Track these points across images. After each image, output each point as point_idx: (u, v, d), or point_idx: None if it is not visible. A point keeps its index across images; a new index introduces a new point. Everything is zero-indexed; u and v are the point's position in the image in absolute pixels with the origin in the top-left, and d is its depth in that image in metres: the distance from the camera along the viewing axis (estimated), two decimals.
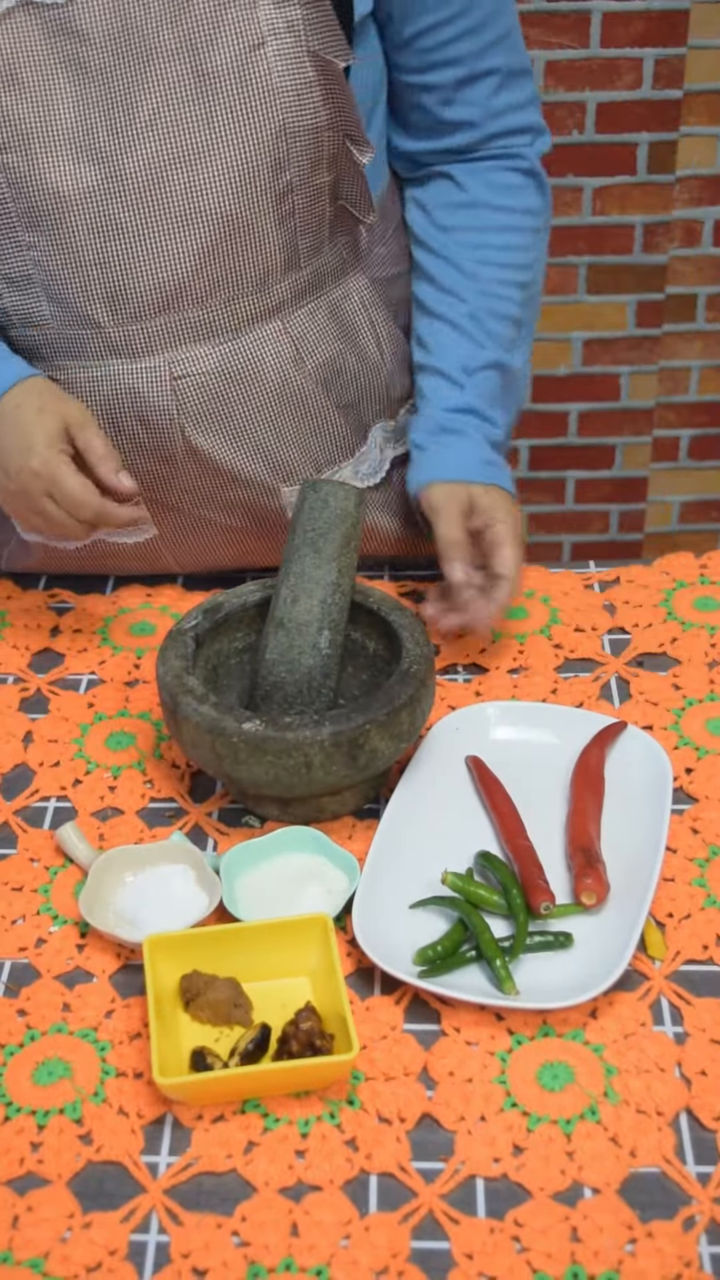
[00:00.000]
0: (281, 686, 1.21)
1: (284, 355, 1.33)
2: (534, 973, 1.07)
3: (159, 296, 1.26)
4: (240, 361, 1.31)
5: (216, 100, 1.20)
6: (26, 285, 1.27)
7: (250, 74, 1.19)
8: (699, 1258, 0.91)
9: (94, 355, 1.30)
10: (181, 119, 1.20)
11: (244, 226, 1.25)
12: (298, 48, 1.20)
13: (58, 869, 1.18)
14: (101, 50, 1.18)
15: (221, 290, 1.28)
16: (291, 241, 1.29)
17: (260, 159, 1.22)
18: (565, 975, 1.06)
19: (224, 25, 1.18)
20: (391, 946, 1.07)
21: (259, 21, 1.18)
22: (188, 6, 1.17)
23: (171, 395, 1.30)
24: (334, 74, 1.22)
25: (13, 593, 1.48)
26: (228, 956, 1.07)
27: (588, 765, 1.21)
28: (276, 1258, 0.91)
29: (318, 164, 1.26)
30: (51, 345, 1.31)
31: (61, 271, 1.25)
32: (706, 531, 2.84)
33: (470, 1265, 0.91)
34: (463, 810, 1.21)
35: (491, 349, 1.38)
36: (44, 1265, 0.92)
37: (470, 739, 1.26)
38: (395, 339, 1.45)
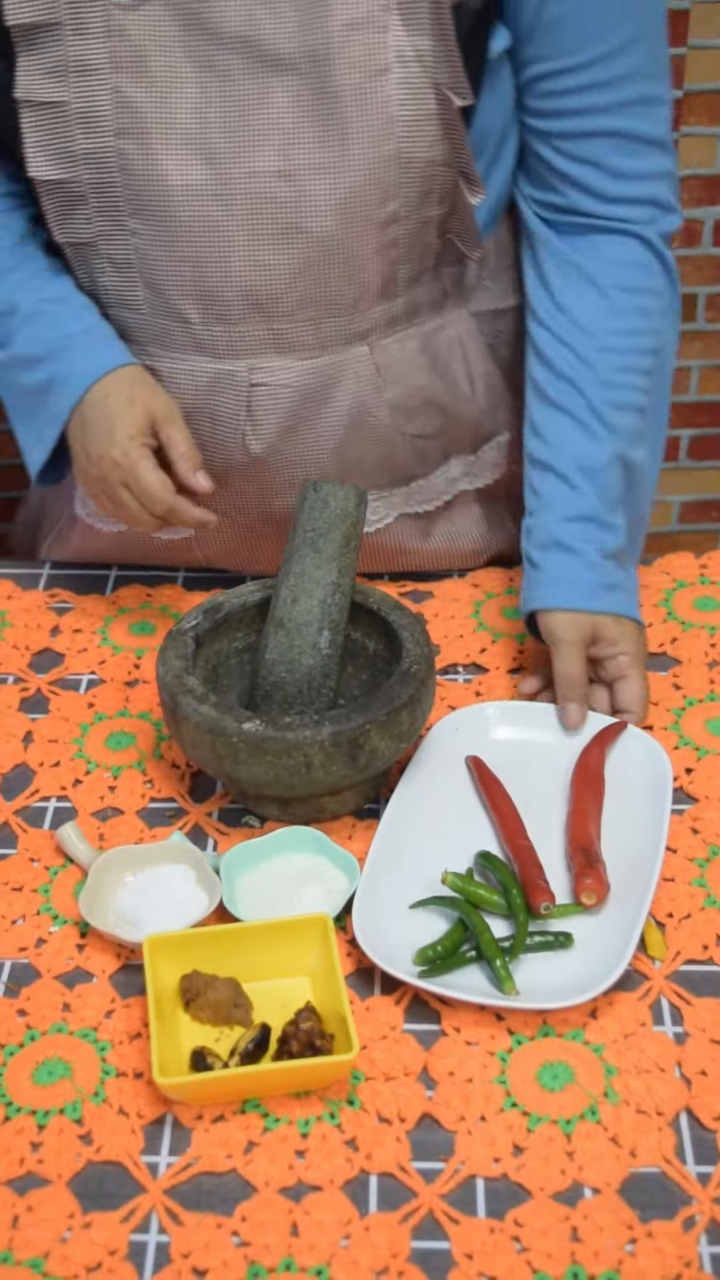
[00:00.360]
0: (281, 686, 1.21)
1: (364, 379, 1.31)
2: (534, 973, 1.07)
3: (248, 303, 1.26)
4: (319, 379, 1.30)
5: (333, 120, 1.18)
6: (126, 269, 1.27)
7: (371, 98, 1.18)
8: (699, 1258, 0.91)
9: (179, 348, 1.30)
10: (296, 133, 1.19)
11: (342, 248, 1.23)
12: (423, 78, 1.18)
13: (58, 869, 1.18)
14: (230, 51, 1.17)
15: (311, 307, 1.26)
16: (390, 270, 1.27)
17: (368, 184, 1.20)
18: (565, 975, 1.06)
19: (352, 45, 1.16)
20: (391, 946, 1.07)
21: (388, 47, 1.16)
22: (320, 22, 1.16)
23: (245, 401, 1.30)
24: (454, 110, 1.19)
25: (13, 592, 1.48)
26: (228, 956, 1.07)
27: (588, 765, 1.21)
28: (276, 1258, 0.91)
29: (427, 196, 1.24)
30: (143, 330, 1.31)
31: (159, 262, 1.25)
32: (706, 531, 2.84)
33: (470, 1265, 0.91)
34: (463, 810, 1.21)
35: (611, 444, 1.30)
36: (44, 1265, 0.92)
37: (470, 739, 1.26)
38: (490, 376, 1.41)
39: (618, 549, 1.30)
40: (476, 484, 1.46)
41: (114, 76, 1.19)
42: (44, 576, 1.51)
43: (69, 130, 1.21)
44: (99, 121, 1.20)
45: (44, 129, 1.22)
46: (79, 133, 1.21)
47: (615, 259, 1.31)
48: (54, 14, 1.18)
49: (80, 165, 1.22)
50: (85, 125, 1.21)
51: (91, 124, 1.21)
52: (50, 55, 1.19)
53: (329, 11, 1.15)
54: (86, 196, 1.24)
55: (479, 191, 1.25)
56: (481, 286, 1.39)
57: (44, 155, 1.23)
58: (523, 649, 1.38)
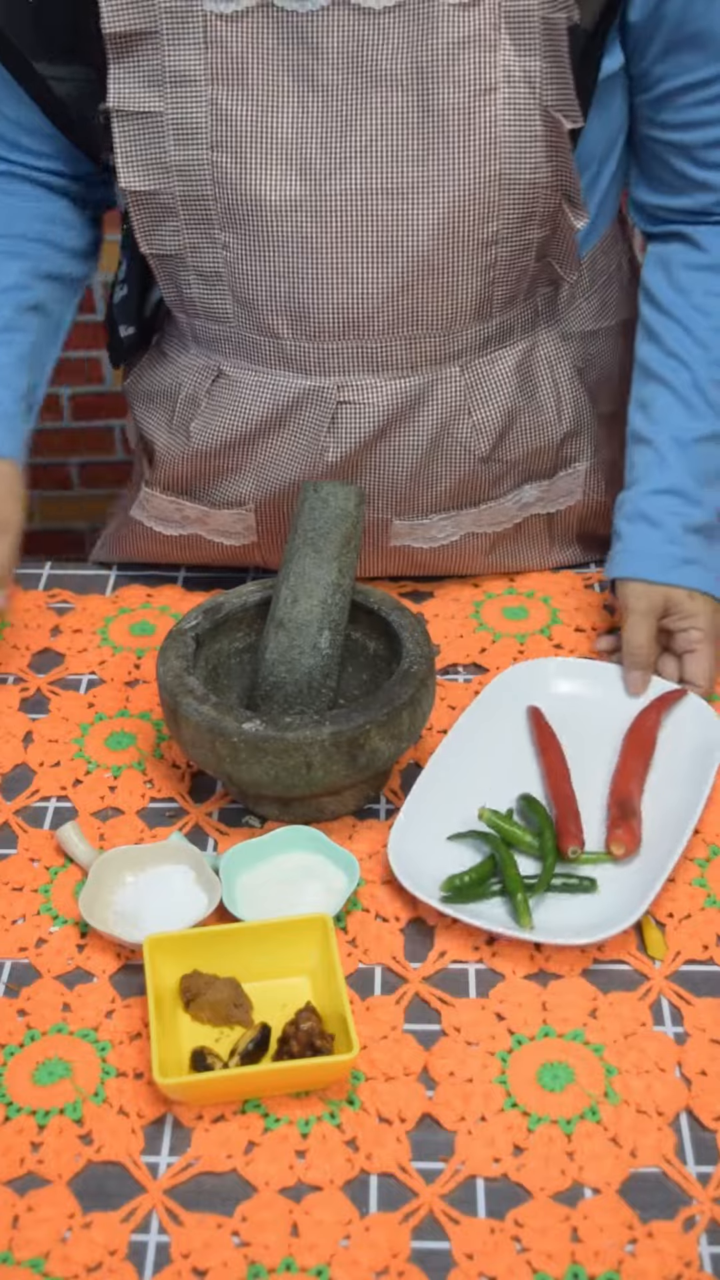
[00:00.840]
0: (281, 686, 1.21)
1: (453, 401, 1.31)
2: (554, 914, 1.11)
3: (341, 321, 1.25)
4: (408, 399, 1.30)
5: (437, 138, 1.17)
6: (215, 281, 1.26)
7: (477, 118, 1.16)
8: (699, 1258, 0.91)
9: (267, 362, 1.29)
10: (398, 150, 1.17)
11: (440, 269, 1.22)
12: (530, 99, 1.16)
13: (58, 869, 1.18)
14: (331, 66, 1.16)
15: (406, 327, 1.26)
16: (486, 291, 1.26)
17: (470, 205, 1.19)
18: (582, 918, 1.10)
19: (460, 64, 1.15)
20: (421, 874, 1.11)
21: (497, 66, 1.15)
22: (427, 39, 1.14)
23: (330, 418, 1.29)
24: (561, 132, 1.18)
25: (13, 592, 1.48)
26: (228, 956, 1.07)
27: (642, 726, 1.24)
28: (276, 1258, 0.91)
29: (529, 219, 1.23)
30: (230, 342, 1.30)
31: (250, 277, 1.24)
32: None
33: (470, 1265, 0.91)
34: (514, 755, 1.26)
35: (711, 421, 1.31)
36: (44, 1265, 0.92)
37: (531, 691, 1.30)
38: (578, 400, 1.40)
39: (703, 523, 1.31)
40: (549, 509, 1.44)
41: (211, 88, 1.17)
42: (44, 576, 1.51)
43: (162, 141, 1.20)
44: (194, 133, 1.19)
45: (136, 139, 1.21)
46: (172, 144, 1.20)
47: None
48: (152, 22, 1.16)
49: (172, 177, 1.21)
50: (179, 136, 1.19)
51: (186, 135, 1.19)
52: (146, 64, 1.18)
53: (436, 29, 1.14)
54: (176, 208, 1.23)
55: (583, 215, 1.25)
56: (574, 308, 1.38)
57: (135, 166, 1.22)
58: (523, 649, 1.38)
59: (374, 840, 1.19)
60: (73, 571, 1.51)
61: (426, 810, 1.17)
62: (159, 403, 1.39)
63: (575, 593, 1.45)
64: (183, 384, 1.36)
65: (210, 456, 1.35)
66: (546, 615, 1.42)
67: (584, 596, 1.44)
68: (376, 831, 1.20)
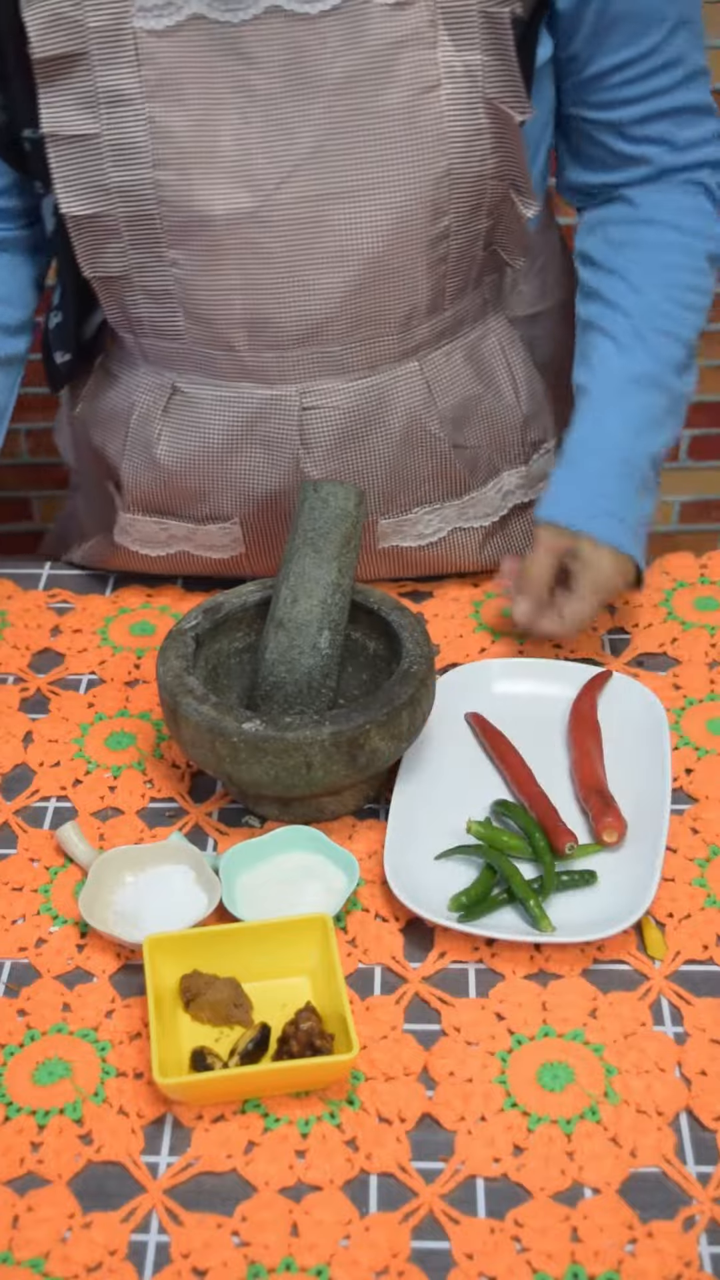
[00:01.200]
0: (281, 686, 1.21)
1: (416, 395, 1.31)
2: (563, 910, 1.11)
3: (299, 329, 1.24)
4: (372, 399, 1.30)
5: (383, 140, 1.16)
6: (165, 299, 1.25)
7: (421, 116, 1.16)
8: (699, 1258, 0.91)
9: (226, 376, 1.29)
10: (344, 155, 1.17)
11: (395, 268, 1.22)
12: (474, 94, 1.16)
13: (58, 869, 1.18)
14: (269, 76, 1.15)
15: (363, 328, 1.25)
16: (439, 284, 1.26)
17: (420, 203, 1.19)
18: (594, 910, 1.11)
19: (400, 64, 1.14)
20: (426, 898, 1.11)
21: (437, 63, 1.15)
22: (364, 41, 1.13)
23: (297, 425, 1.29)
24: (508, 123, 1.18)
25: (13, 592, 1.48)
26: (228, 956, 1.07)
27: (582, 712, 1.26)
28: (276, 1258, 0.91)
29: (477, 210, 1.23)
30: (184, 359, 1.29)
31: (203, 292, 1.23)
32: (706, 531, 2.84)
33: (470, 1265, 0.91)
34: (470, 764, 1.26)
35: (646, 363, 1.31)
36: (44, 1265, 0.92)
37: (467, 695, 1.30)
38: (532, 380, 1.41)
39: (630, 472, 1.30)
40: (530, 495, 1.44)
41: (148, 105, 1.16)
42: (44, 576, 1.51)
43: (101, 163, 1.18)
44: (134, 153, 1.17)
45: (74, 163, 1.19)
46: (112, 166, 1.18)
47: (676, 204, 1.33)
48: (82, 44, 1.15)
49: (115, 198, 1.19)
50: (119, 157, 1.18)
51: (126, 156, 1.18)
52: (79, 87, 1.16)
53: (372, 30, 1.13)
54: (120, 230, 1.21)
55: (532, 204, 1.25)
56: (516, 292, 1.39)
57: (75, 191, 1.20)
58: (522, 649, 1.38)
59: (374, 840, 1.19)
60: (73, 571, 1.51)
61: (410, 838, 1.17)
62: (114, 426, 1.38)
63: None
64: (135, 403, 1.35)
65: (182, 477, 1.34)
66: None
67: None
68: (376, 831, 1.20)
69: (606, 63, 1.25)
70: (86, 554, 1.50)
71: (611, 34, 1.23)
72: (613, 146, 1.32)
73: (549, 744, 1.27)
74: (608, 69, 1.26)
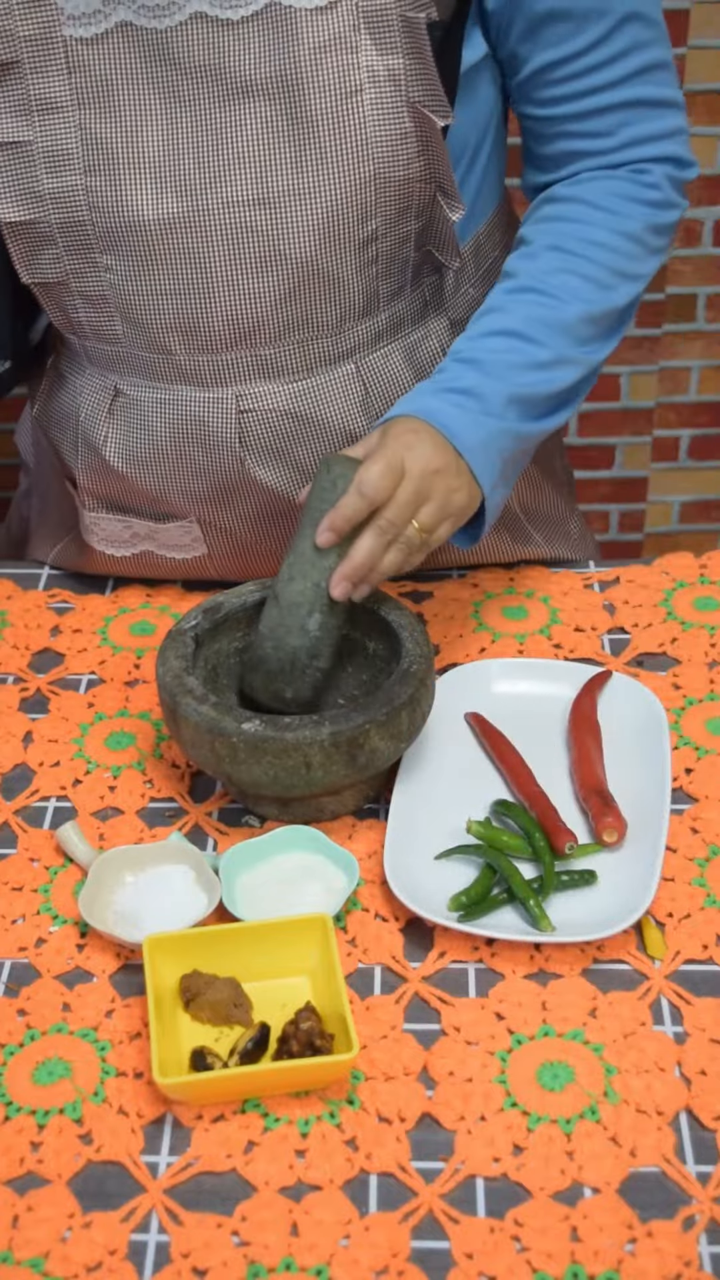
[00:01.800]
0: (265, 661, 1.20)
1: (353, 397, 1.31)
2: (563, 910, 1.11)
3: (232, 332, 1.25)
4: (309, 401, 1.30)
5: (309, 144, 1.17)
6: (102, 304, 1.26)
7: (346, 121, 1.17)
8: (699, 1258, 0.91)
9: (163, 379, 1.29)
10: (271, 160, 1.18)
11: (325, 271, 1.23)
12: (397, 98, 1.17)
13: (58, 869, 1.18)
14: (196, 81, 1.16)
15: (296, 331, 1.26)
16: (371, 287, 1.27)
17: (348, 206, 1.20)
18: (594, 910, 1.11)
19: (323, 69, 1.15)
20: (426, 898, 1.11)
21: (360, 67, 1.15)
22: (288, 47, 1.14)
23: (236, 427, 1.29)
24: (431, 128, 1.19)
25: (13, 593, 1.48)
26: (228, 956, 1.07)
27: (582, 712, 1.26)
28: (276, 1257, 0.91)
29: (405, 213, 1.23)
30: (124, 362, 1.30)
31: (136, 296, 1.24)
32: (706, 531, 2.84)
33: (470, 1265, 0.91)
34: (470, 764, 1.26)
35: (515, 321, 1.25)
36: (44, 1265, 0.92)
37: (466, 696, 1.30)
38: None
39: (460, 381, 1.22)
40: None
41: (79, 113, 1.17)
42: (44, 576, 1.51)
43: (34, 170, 1.20)
44: (65, 159, 1.19)
45: (7, 170, 1.20)
46: (44, 172, 1.20)
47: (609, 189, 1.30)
48: (13, 52, 1.16)
49: (48, 205, 1.21)
50: (51, 164, 1.19)
51: (57, 163, 1.19)
52: (11, 94, 1.18)
53: (296, 35, 1.14)
54: (54, 236, 1.23)
55: (458, 207, 1.24)
56: (460, 294, 1.38)
57: (7, 196, 1.21)
58: (522, 649, 1.38)
59: (374, 840, 1.19)
60: (73, 571, 1.51)
61: (409, 838, 1.17)
62: (65, 426, 1.39)
63: (575, 593, 1.45)
64: (81, 405, 1.36)
65: (133, 478, 1.35)
66: (546, 615, 1.42)
67: (584, 596, 1.44)
68: (376, 831, 1.20)
69: (544, 59, 1.25)
70: (58, 556, 1.51)
71: (545, 30, 1.22)
72: (559, 144, 1.31)
73: (549, 744, 1.27)
74: (545, 65, 1.25)
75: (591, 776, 1.21)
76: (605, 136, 1.29)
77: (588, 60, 1.24)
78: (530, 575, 1.47)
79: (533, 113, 1.30)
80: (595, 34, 1.23)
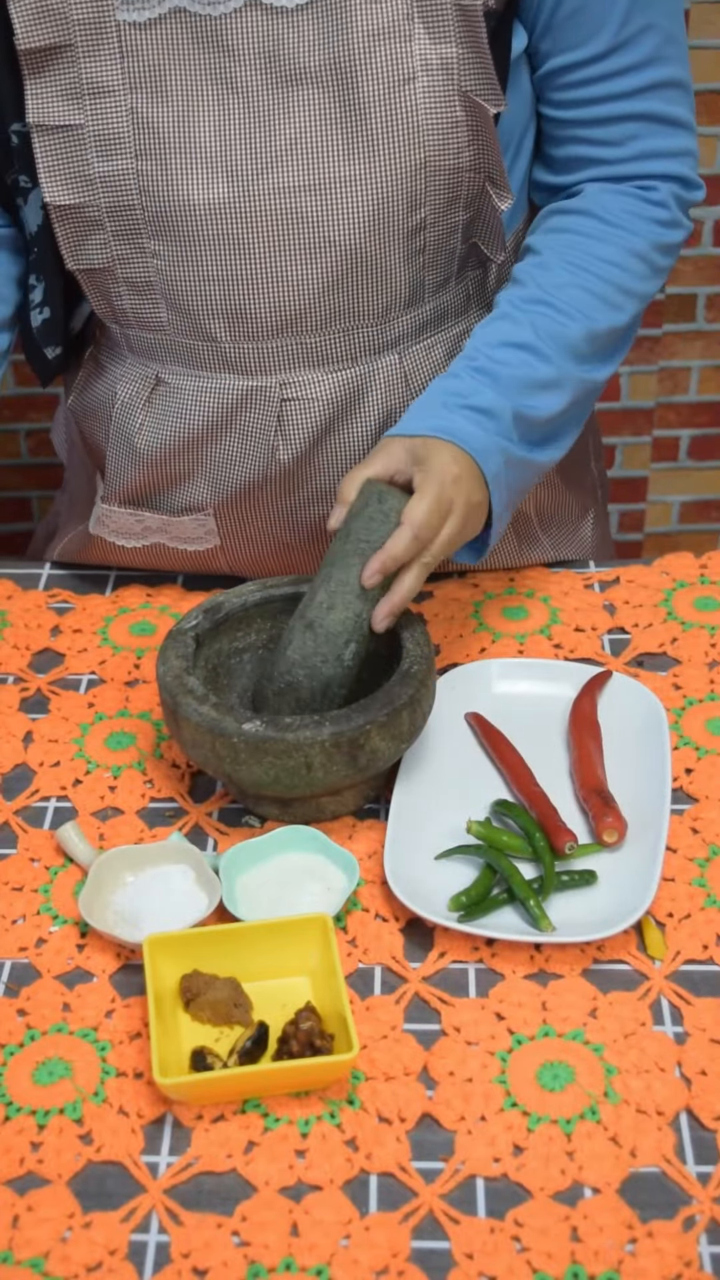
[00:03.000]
0: (297, 689, 1.20)
1: (394, 388, 1.31)
2: (564, 910, 1.12)
3: (278, 320, 1.25)
4: (350, 391, 1.30)
5: (360, 132, 1.17)
6: (147, 291, 1.26)
7: (398, 109, 1.17)
8: (699, 1258, 0.91)
9: (206, 366, 1.29)
10: (322, 147, 1.18)
11: (372, 260, 1.23)
12: (449, 86, 1.17)
13: (58, 869, 1.18)
14: (249, 68, 1.16)
15: (342, 320, 1.26)
16: (418, 277, 1.27)
17: (397, 195, 1.20)
18: (594, 910, 1.11)
19: (377, 57, 1.15)
20: (426, 898, 1.11)
21: (413, 56, 1.16)
22: (342, 35, 1.15)
23: (276, 416, 1.30)
24: (483, 116, 1.19)
25: (13, 592, 1.48)
26: (228, 956, 1.07)
27: (582, 713, 1.26)
28: (276, 1258, 0.91)
29: (454, 203, 1.24)
30: (167, 349, 1.30)
31: (183, 283, 1.25)
32: (706, 531, 2.84)
33: (470, 1265, 0.91)
34: (469, 765, 1.26)
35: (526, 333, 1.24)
36: (44, 1265, 0.92)
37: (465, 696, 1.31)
38: None
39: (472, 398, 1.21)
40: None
41: (130, 97, 1.18)
42: (44, 576, 1.51)
43: (85, 154, 1.20)
44: (117, 143, 1.19)
45: (59, 154, 1.21)
46: (95, 156, 1.20)
47: (615, 205, 1.29)
48: (67, 36, 1.17)
49: (98, 189, 1.21)
50: (102, 148, 1.20)
51: (108, 147, 1.20)
52: (64, 78, 1.18)
53: (350, 23, 1.14)
54: (103, 221, 1.23)
55: (507, 196, 1.25)
56: (502, 289, 1.39)
57: (58, 180, 1.22)
58: (523, 649, 1.38)
59: (374, 840, 1.19)
60: (73, 571, 1.51)
61: (409, 838, 1.17)
62: (100, 416, 1.39)
63: (575, 593, 1.45)
64: (118, 394, 1.36)
65: (160, 465, 1.35)
66: (546, 615, 1.42)
67: (584, 596, 1.44)
68: (376, 831, 1.20)
69: (564, 59, 1.25)
70: (64, 550, 1.51)
71: (571, 27, 1.23)
72: (568, 148, 1.31)
73: (549, 744, 1.27)
74: (566, 65, 1.25)
75: (592, 777, 1.21)
76: (615, 146, 1.29)
77: (604, 66, 1.24)
78: (530, 575, 1.47)
79: (547, 113, 1.30)
80: (610, 41, 1.23)
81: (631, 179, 1.30)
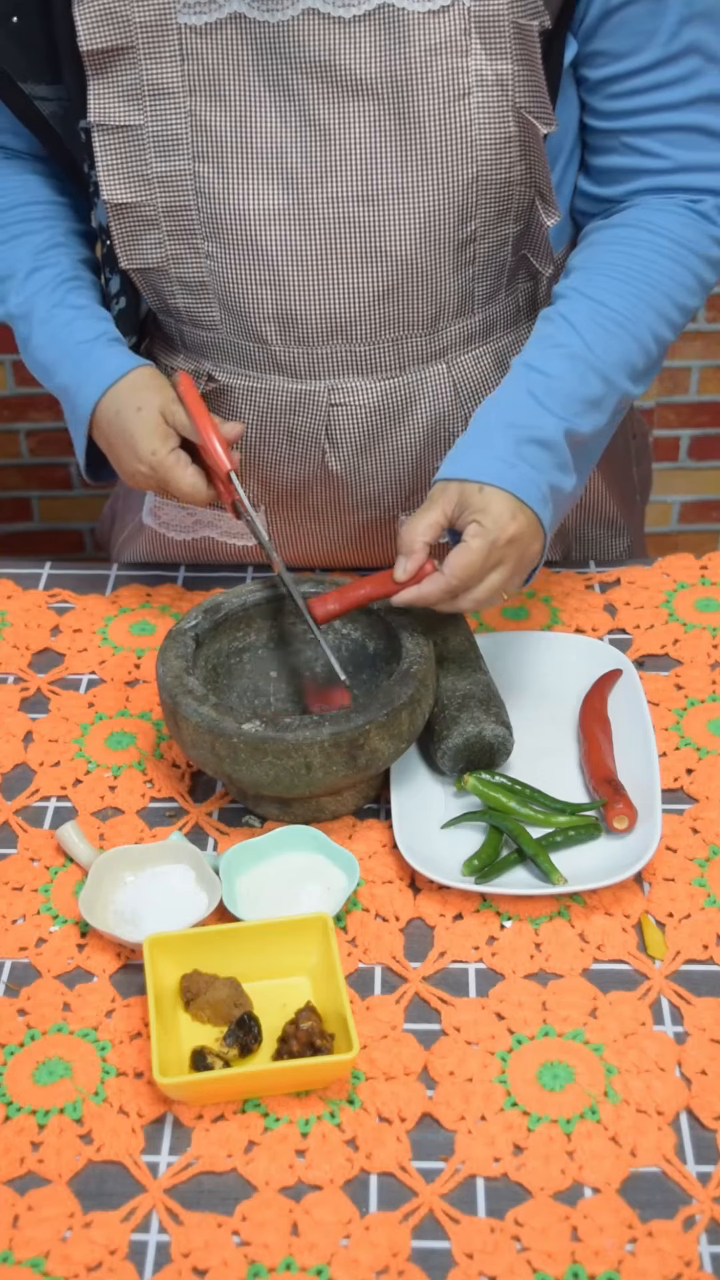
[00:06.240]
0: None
1: (443, 397, 1.32)
2: (570, 865, 1.15)
3: (328, 326, 1.26)
4: (399, 399, 1.31)
5: (414, 144, 1.18)
6: (200, 291, 1.28)
7: (452, 123, 1.18)
8: (699, 1257, 0.91)
9: (257, 367, 1.31)
10: (376, 157, 1.19)
11: (422, 270, 1.24)
12: (503, 102, 1.18)
13: (58, 869, 1.18)
14: (306, 75, 1.17)
15: (391, 328, 1.27)
16: (467, 288, 1.28)
17: (449, 207, 1.21)
18: (599, 860, 1.15)
19: (433, 70, 1.16)
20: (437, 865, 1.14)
21: (469, 71, 1.16)
22: (399, 48, 1.15)
23: (324, 421, 1.31)
24: (533, 133, 1.20)
25: (13, 592, 1.48)
26: (228, 956, 1.07)
27: (593, 708, 1.28)
28: (276, 1257, 0.91)
29: (504, 215, 1.25)
30: (219, 348, 1.32)
31: (236, 285, 1.26)
32: (706, 531, 2.84)
33: (470, 1265, 0.91)
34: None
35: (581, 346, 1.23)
36: (44, 1265, 0.92)
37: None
38: None
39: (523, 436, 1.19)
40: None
41: (189, 100, 1.19)
42: (44, 576, 1.51)
43: (143, 154, 1.22)
44: (175, 145, 1.21)
45: (118, 152, 1.23)
46: (154, 156, 1.22)
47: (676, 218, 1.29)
48: (129, 38, 1.18)
49: (155, 188, 1.23)
50: (160, 148, 1.21)
51: (167, 147, 1.21)
52: (125, 79, 1.20)
53: (407, 36, 1.15)
54: (159, 220, 1.24)
55: (554, 212, 1.25)
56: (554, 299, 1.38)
57: (117, 178, 1.24)
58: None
59: (374, 840, 1.19)
60: (73, 571, 1.51)
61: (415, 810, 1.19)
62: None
63: (575, 593, 1.45)
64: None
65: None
66: (546, 615, 1.42)
67: (584, 597, 1.44)
68: (376, 831, 1.20)
69: (612, 70, 1.25)
70: (119, 550, 1.53)
71: (618, 37, 1.22)
72: (612, 158, 1.31)
73: (559, 735, 1.28)
74: (613, 75, 1.25)
75: (602, 767, 1.22)
76: (660, 157, 1.28)
77: (652, 77, 1.24)
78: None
79: (594, 124, 1.30)
80: (658, 53, 1.22)
81: (677, 191, 1.30)
